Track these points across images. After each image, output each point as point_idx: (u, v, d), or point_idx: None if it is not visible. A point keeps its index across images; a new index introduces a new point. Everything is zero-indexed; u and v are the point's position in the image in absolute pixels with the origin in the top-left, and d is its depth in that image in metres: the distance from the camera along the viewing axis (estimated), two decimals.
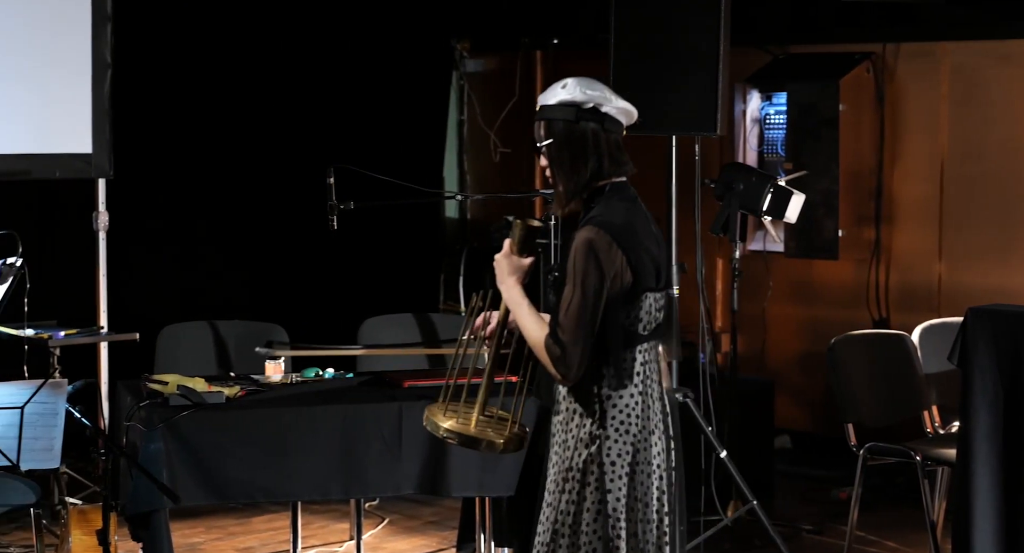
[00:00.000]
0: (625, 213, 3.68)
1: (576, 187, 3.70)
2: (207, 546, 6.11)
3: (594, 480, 3.62)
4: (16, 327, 6.07)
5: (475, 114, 8.50)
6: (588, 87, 3.75)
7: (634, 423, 3.64)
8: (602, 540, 3.62)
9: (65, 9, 6.76)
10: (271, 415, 5.03)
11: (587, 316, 3.56)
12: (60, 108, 6.78)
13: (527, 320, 3.66)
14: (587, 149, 3.69)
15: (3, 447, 4.38)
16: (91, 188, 6.97)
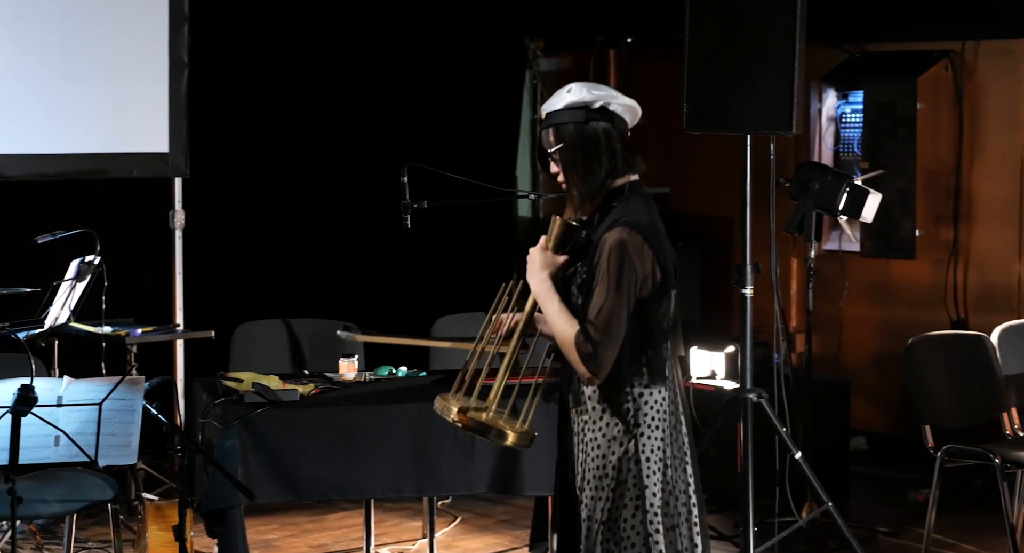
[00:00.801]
0: (647, 212, 3.70)
1: (592, 188, 3.70)
2: (281, 543, 6.15)
3: (631, 476, 3.64)
4: (94, 324, 6.13)
5: None
6: (593, 88, 3.76)
7: (666, 419, 3.67)
8: (641, 535, 3.63)
9: (143, 10, 6.83)
10: (345, 413, 5.05)
11: (620, 317, 3.58)
12: (137, 108, 6.85)
13: (558, 316, 3.64)
14: (600, 149, 3.70)
15: (82, 443, 4.43)
16: (168, 187, 7.03)
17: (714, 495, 6.56)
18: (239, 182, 7.74)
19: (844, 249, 7.12)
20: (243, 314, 6.44)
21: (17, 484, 4.24)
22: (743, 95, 5.63)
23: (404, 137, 7.87)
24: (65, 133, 6.69)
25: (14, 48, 6.54)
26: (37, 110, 6.60)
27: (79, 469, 5.02)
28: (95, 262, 5.94)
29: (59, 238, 6.06)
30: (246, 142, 7.73)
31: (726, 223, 7.65)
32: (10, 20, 6.53)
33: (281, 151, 7.79)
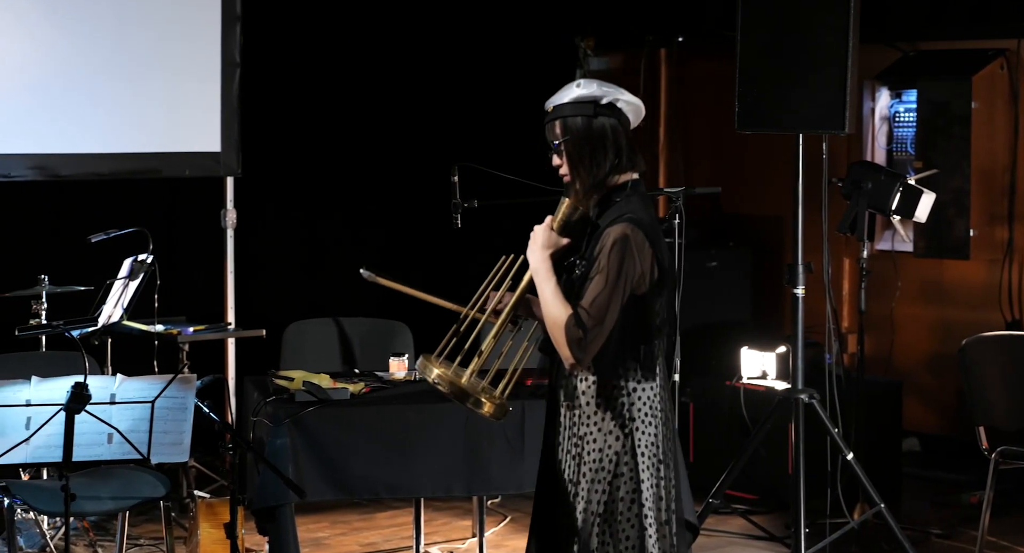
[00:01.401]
0: (647, 210, 3.73)
1: (596, 182, 3.73)
2: (331, 541, 6.16)
3: (628, 470, 3.68)
4: (146, 323, 6.17)
5: None
6: (602, 84, 3.79)
7: (658, 415, 3.71)
8: (636, 528, 3.67)
9: (195, 10, 6.87)
10: (395, 412, 5.06)
11: (613, 309, 3.61)
12: (190, 107, 6.89)
13: (552, 297, 3.66)
14: (607, 143, 3.74)
15: (134, 441, 4.45)
16: (220, 186, 7.07)
17: (765, 496, 6.54)
18: (290, 181, 7.76)
19: (897, 249, 7.06)
20: (294, 313, 6.47)
21: (71, 481, 4.27)
22: (795, 94, 5.60)
23: (454, 136, 7.88)
24: (119, 133, 6.74)
25: (69, 50, 6.59)
26: (91, 110, 6.65)
27: (132, 466, 5.05)
28: (148, 261, 5.98)
29: (112, 237, 6.10)
30: (297, 141, 7.76)
31: (777, 223, 7.61)
32: (65, 22, 6.58)
33: (332, 150, 7.81)
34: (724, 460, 6.01)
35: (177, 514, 5.97)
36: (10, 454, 4.34)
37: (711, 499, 5.77)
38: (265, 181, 7.50)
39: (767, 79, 5.65)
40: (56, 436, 4.31)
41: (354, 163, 7.89)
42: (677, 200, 6.02)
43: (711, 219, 7.81)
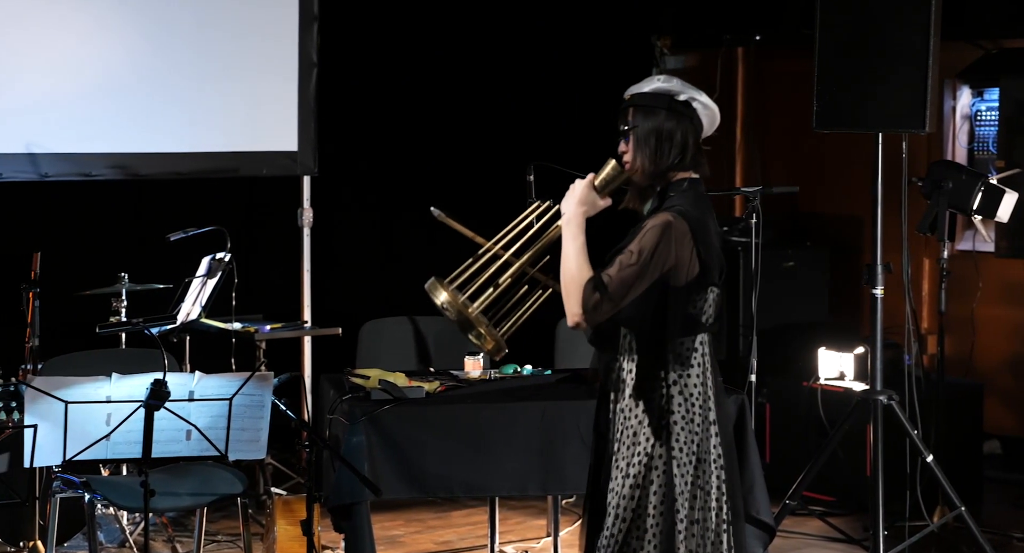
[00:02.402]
0: (701, 208, 3.71)
1: (655, 174, 3.74)
2: (407, 539, 6.18)
3: (662, 464, 3.67)
4: (224, 321, 6.22)
5: None
6: (685, 84, 3.80)
7: (698, 412, 3.69)
8: (665, 523, 3.66)
9: (273, 10, 6.91)
10: (470, 411, 5.06)
11: (637, 286, 3.61)
12: (267, 107, 6.93)
13: (576, 253, 3.66)
14: (674, 139, 3.74)
15: (212, 438, 4.48)
16: (296, 185, 7.11)
17: (843, 498, 6.48)
18: (367, 180, 7.79)
19: (978, 249, 6.97)
20: (370, 311, 6.49)
21: (150, 477, 4.31)
22: (875, 92, 5.54)
23: (530, 135, 7.87)
24: (197, 132, 6.79)
25: (149, 50, 6.66)
26: (170, 110, 6.71)
27: (210, 463, 5.09)
28: (226, 259, 6.02)
29: (191, 235, 6.15)
30: (374, 140, 7.78)
31: (856, 222, 7.54)
32: (145, 23, 6.65)
33: (408, 149, 7.83)
34: (801, 461, 5.96)
35: (254, 511, 6.01)
36: (91, 450, 4.38)
37: (788, 500, 5.72)
38: (341, 180, 7.54)
39: (846, 77, 5.59)
40: (136, 432, 4.34)
41: (430, 162, 7.91)
42: (754, 200, 5.99)
43: (788, 219, 7.75)
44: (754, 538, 5.03)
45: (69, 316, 6.22)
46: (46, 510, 5.28)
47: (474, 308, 3.69)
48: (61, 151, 6.51)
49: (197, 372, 4.55)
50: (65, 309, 6.22)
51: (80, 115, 6.54)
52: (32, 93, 6.44)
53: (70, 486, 5.01)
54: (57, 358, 5.40)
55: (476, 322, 3.67)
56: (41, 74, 6.45)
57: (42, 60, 6.45)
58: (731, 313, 7.11)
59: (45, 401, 4.30)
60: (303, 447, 4.69)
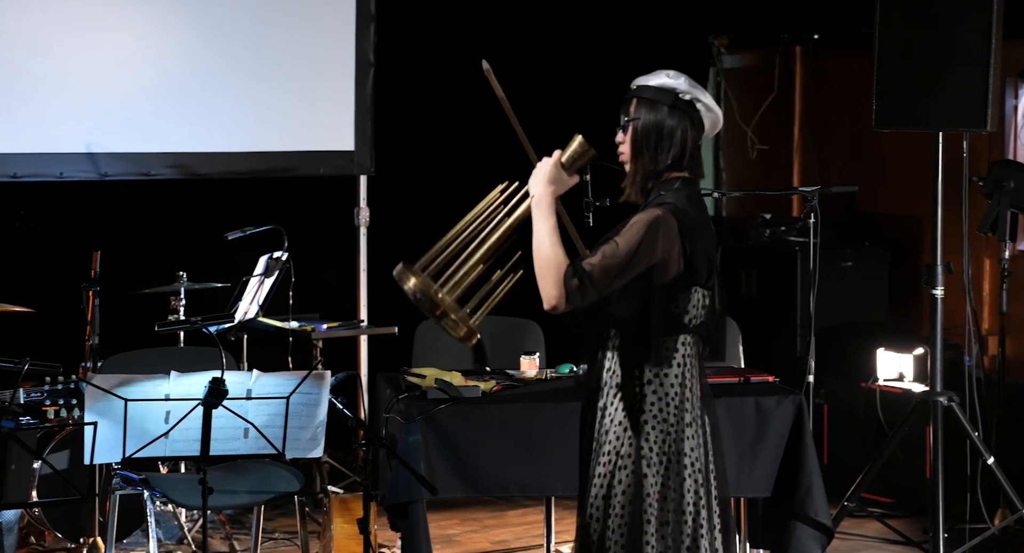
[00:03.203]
0: (693, 208, 3.66)
1: (651, 171, 3.69)
2: (462, 538, 6.18)
3: (631, 463, 3.62)
4: (281, 319, 6.24)
5: (732, 111, 8.39)
6: (692, 83, 3.77)
7: (672, 413, 3.64)
8: (630, 524, 3.61)
9: (330, 11, 6.94)
10: (526, 410, 5.05)
11: (620, 275, 3.55)
12: (324, 106, 6.96)
13: (549, 234, 3.62)
14: (674, 137, 3.69)
15: (269, 436, 4.50)
16: (353, 184, 7.13)
17: (902, 500, 6.43)
18: (423, 179, 7.80)
19: None
20: None
21: (208, 475, 4.33)
22: (935, 91, 5.49)
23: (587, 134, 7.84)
24: (255, 132, 6.82)
25: (207, 51, 6.69)
26: (228, 109, 6.75)
27: (267, 461, 5.11)
28: (283, 258, 6.05)
29: (249, 234, 6.18)
30: (430, 139, 7.79)
31: (916, 222, 7.47)
32: (203, 23, 6.69)
33: (464, 148, 7.83)
34: (859, 462, 5.92)
35: (311, 509, 6.02)
36: (150, 448, 4.41)
37: (846, 502, 5.68)
38: (398, 179, 7.55)
39: (906, 76, 5.54)
40: (194, 430, 4.37)
41: (486, 161, 7.90)
42: (812, 199, 5.95)
43: (847, 219, 7.70)
44: (812, 540, 5.00)
45: (128, 314, 6.26)
46: (106, 507, 5.32)
47: (444, 294, 3.63)
48: (121, 151, 6.56)
49: (255, 370, 4.57)
50: (124, 307, 6.26)
51: (139, 115, 6.59)
52: (92, 93, 6.49)
53: (129, 483, 5.04)
54: (117, 356, 5.44)
55: (447, 308, 3.60)
56: (101, 75, 6.50)
57: (102, 61, 6.50)
58: (788, 313, 7.07)
59: (105, 399, 4.33)
60: (359, 446, 4.69)
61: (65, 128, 6.45)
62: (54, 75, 6.41)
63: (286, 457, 4.61)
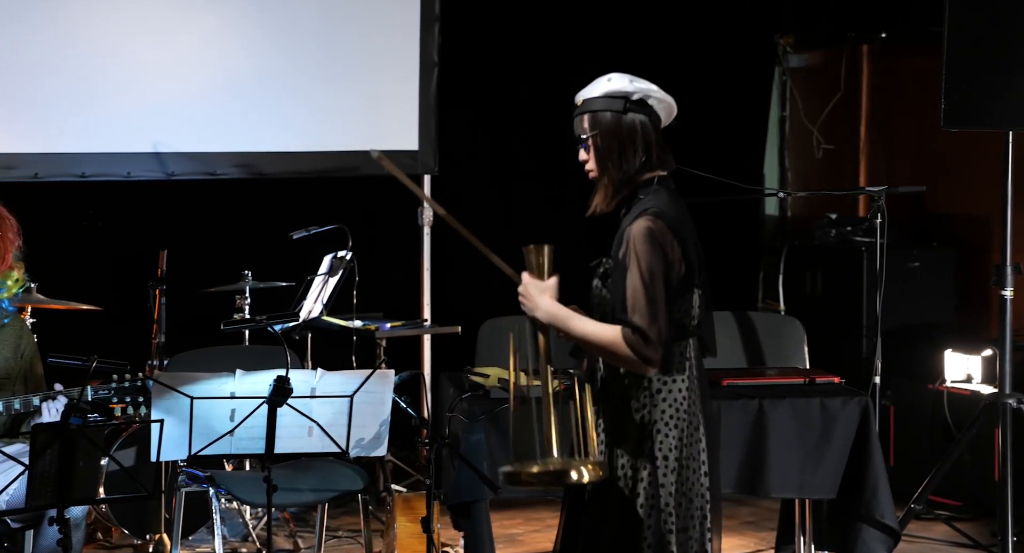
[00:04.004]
0: (675, 206, 3.64)
1: (624, 178, 3.67)
2: (525, 537, 6.18)
3: (647, 475, 3.58)
4: (345, 318, 6.26)
5: (797, 110, 8.34)
6: (634, 79, 3.78)
7: (683, 418, 3.60)
8: (655, 534, 3.57)
9: (395, 11, 6.95)
10: None
11: (657, 297, 3.52)
12: (388, 106, 6.97)
13: (586, 327, 3.60)
14: (636, 140, 3.68)
15: (333, 434, 4.52)
16: (417, 184, 7.13)
17: (970, 503, 6.35)
18: (486, 179, 7.80)
19: None
20: (489, 310, 6.48)
21: (272, 473, 4.35)
22: (1005, 90, 5.43)
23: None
24: (319, 131, 6.85)
25: (272, 51, 6.73)
26: (293, 110, 6.78)
27: (331, 459, 5.13)
28: (347, 257, 6.07)
29: (313, 234, 6.21)
30: (493, 139, 7.79)
31: (984, 222, 7.38)
32: (268, 23, 6.72)
33: (528, 148, 7.83)
34: (926, 465, 5.86)
35: (374, 507, 6.04)
36: (215, 445, 4.44)
37: (913, 504, 5.63)
38: (461, 179, 7.55)
39: (975, 75, 5.48)
40: (259, 428, 4.39)
41: (549, 161, 7.90)
42: (879, 199, 5.90)
43: (914, 219, 7.62)
44: (878, 542, 4.96)
45: (194, 313, 6.30)
46: (171, 504, 5.36)
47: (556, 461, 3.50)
48: (187, 150, 6.61)
49: (319, 369, 4.59)
50: (190, 306, 6.31)
51: (206, 115, 6.63)
52: (160, 94, 6.54)
53: (195, 480, 5.08)
54: (183, 354, 5.48)
55: (568, 466, 3.49)
56: (169, 75, 6.55)
57: (170, 62, 6.55)
58: (854, 314, 7.02)
59: (171, 397, 4.36)
60: (423, 445, 4.70)
61: (133, 128, 6.51)
62: (123, 76, 6.47)
63: (350, 456, 4.62)
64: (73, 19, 6.38)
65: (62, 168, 6.42)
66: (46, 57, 6.36)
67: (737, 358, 5.99)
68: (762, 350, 6.02)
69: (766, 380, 5.29)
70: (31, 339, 4.87)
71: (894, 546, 5.01)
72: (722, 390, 5.14)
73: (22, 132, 6.38)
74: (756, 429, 5.01)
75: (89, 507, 5.33)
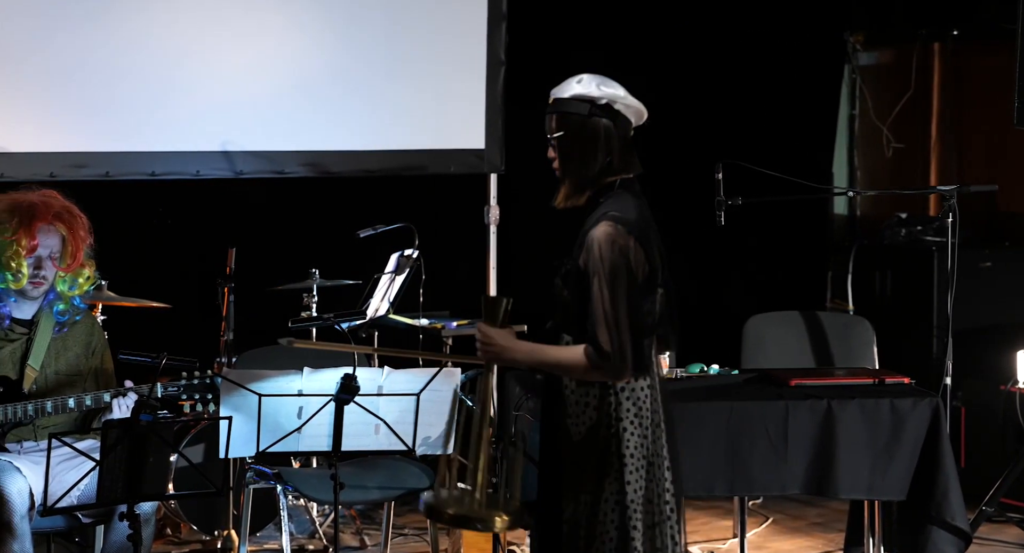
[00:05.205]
0: (636, 209, 3.70)
1: (584, 181, 3.75)
2: None
3: (614, 472, 3.62)
4: (412, 317, 6.27)
5: (867, 108, 8.27)
6: (603, 84, 3.82)
7: (646, 416, 3.64)
8: (619, 530, 3.61)
9: (462, 10, 6.96)
10: None
11: (620, 310, 3.56)
12: (455, 105, 6.98)
13: (554, 355, 3.66)
14: (598, 144, 3.75)
15: (400, 432, 4.52)
16: (483, 183, 7.14)
17: None
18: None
19: None
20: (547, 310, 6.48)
21: (339, 470, 4.37)
22: None
23: (719, 133, 7.79)
24: (386, 130, 6.87)
25: (340, 50, 6.75)
26: (361, 108, 6.80)
27: (397, 457, 5.14)
28: (414, 256, 6.08)
29: (380, 232, 6.22)
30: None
31: None
32: (336, 23, 6.75)
33: None
34: (998, 467, 5.79)
35: None
36: (282, 442, 4.46)
37: (984, 507, 5.57)
38: (528, 178, 7.54)
39: None
40: (326, 426, 4.41)
41: None
42: (950, 199, 5.84)
43: (986, 218, 7.54)
44: (949, 544, 4.91)
45: (262, 311, 6.34)
46: (239, 500, 5.39)
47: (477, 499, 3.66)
48: (256, 149, 6.65)
49: (386, 367, 4.60)
50: (258, 304, 6.34)
51: (274, 114, 6.67)
52: (229, 93, 6.59)
53: (263, 477, 5.11)
54: (250, 352, 5.51)
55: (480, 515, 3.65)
56: (238, 75, 6.59)
57: (238, 61, 6.59)
58: (924, 314, 6.95)
59: (239, 394, 4.39)
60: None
61: (202, 127, 6.55)
62: (193, 76, 6.51)
63: (416, 453, 4.63)
64: (145, 21, 6.44)
65: (133, 167, 6.48)
66: (119, 58, 6.42)
67: (805, 358, 5.95)
68: (830, 350, 5.97)
69: (835, 380, 5.26)
70: (102, 336, 4.91)
71: (965, 549, 4.96)
72: (790, 390, 5.11)
73: (94, 131, 6.44)
74: (824, 430, 4.98)
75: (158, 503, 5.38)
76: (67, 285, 4.75)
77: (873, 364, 5.78)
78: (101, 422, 4.45)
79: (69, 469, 4.42)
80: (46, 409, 4.55)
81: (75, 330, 4.79)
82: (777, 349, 5.99)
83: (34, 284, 4.69)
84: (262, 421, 4.40)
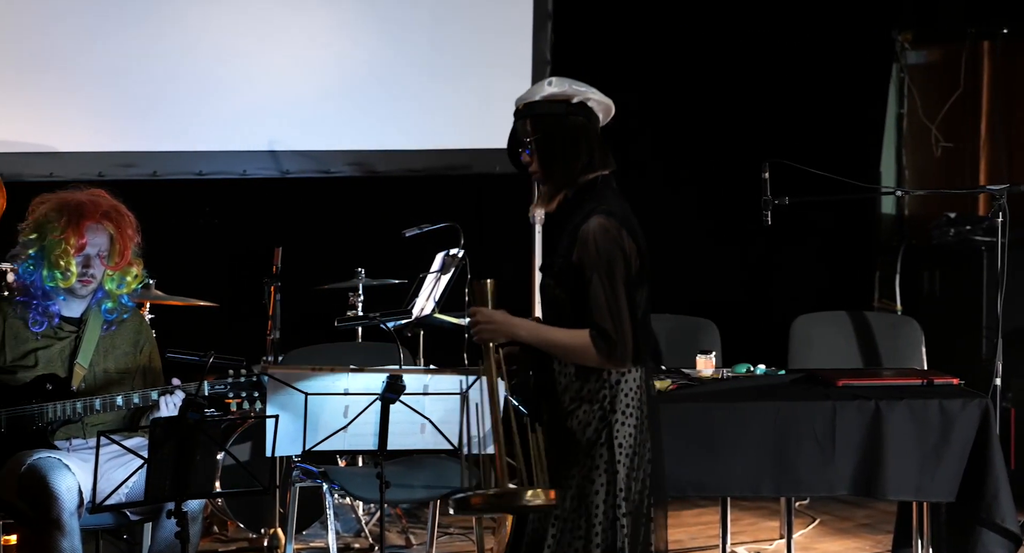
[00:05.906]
0: (620, 204, 3.74)
1: (567, 180, 3.76)
2: None
3: (603, 462, 3.67)
4: (458, 316, 6.27)
5: (916, 107, 8.21)
6: (574, 83, 3.82)
7: (637, 407, 3.69)
8: (609, 518, 3.66)
9: (507, 9, 6.97)
10: (702, 410, 5.01)
11: (620, 298, 3.62)
12: (500, 104, 6.93)
13: (557, 335, 3.71)
14: (579, 142, 3.77)
15: (446, 431, 4.52)
16: (528, 182, 7.13)
17: None
18: None
19: None
20: None
21: (385, 469, 4.37)
22: None
23: (765, 132, 7.75)
24: (431, 129, 6.88)
25: (385, 49, 6.77)
26: (406, 108, 6.82)
27: (443, 456, 5.14)
28: (459, 255, 6.08)
29: (425, 231, 6.23)
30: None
31: None
32: (381, 22, 6.77)
33: (640, 145, 7.79)
34: None
35: None
36: (328, 441, 4.46)
37: None
38: None
39: None
40: (372, 425, 4.41)
41: (662, 159, 7.86)
42: (1000, 198, 5.79)
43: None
44: (999, 546, 4.87)
45: (308, 310, 6.36)
46: (286, 499, 5.41)
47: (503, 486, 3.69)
48: (302, 149, 6.67)
49: (431, 366, 4.59)
50: (305, 303, 6.36)
51: (320, 114, 6.69)
52: (275, 93, 6.62)
53: (309, 476, 5.12)
54: (297, 350, 5.52)
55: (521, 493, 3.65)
56: (284, 75, 6.62)
57: (285, 62, 6.62)
58: (974, 314, 6.89)
59: (286, 392, 4.40)
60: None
61: (249, 126, 6.59)
62: (239, 77, 6.55)
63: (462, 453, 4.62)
64: (193, 23, 6.48)
65: (180, 166, 6.52)
66: (166, 59, 6.46)
67: (853, 358, 5.92)
68: (878, 351, 5.94)
69: (883, 381, 5.22)
70: (150, 334, 4.94)
71: (1015, 551, 4.91)
72: (837, 390, 5.08)
73: (142, 131, 6.48)
74: (872, 430, 4.95)
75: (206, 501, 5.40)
76: (115, 284, 4.77)
77: (921, 365, 5.73)
78: (149, 420, 4.47)
79: (118, 467, 4.44)
80: (95, 407, 4.58)
81: (123, 328, 4.82)
82: (824, 349, 5.96)
83: (83, 282, 4.71)
84: (308, 420, 4.41)
